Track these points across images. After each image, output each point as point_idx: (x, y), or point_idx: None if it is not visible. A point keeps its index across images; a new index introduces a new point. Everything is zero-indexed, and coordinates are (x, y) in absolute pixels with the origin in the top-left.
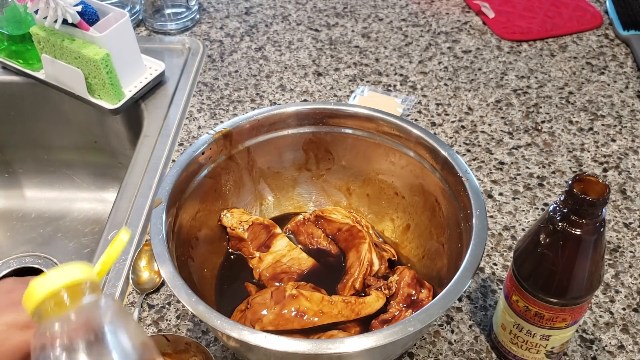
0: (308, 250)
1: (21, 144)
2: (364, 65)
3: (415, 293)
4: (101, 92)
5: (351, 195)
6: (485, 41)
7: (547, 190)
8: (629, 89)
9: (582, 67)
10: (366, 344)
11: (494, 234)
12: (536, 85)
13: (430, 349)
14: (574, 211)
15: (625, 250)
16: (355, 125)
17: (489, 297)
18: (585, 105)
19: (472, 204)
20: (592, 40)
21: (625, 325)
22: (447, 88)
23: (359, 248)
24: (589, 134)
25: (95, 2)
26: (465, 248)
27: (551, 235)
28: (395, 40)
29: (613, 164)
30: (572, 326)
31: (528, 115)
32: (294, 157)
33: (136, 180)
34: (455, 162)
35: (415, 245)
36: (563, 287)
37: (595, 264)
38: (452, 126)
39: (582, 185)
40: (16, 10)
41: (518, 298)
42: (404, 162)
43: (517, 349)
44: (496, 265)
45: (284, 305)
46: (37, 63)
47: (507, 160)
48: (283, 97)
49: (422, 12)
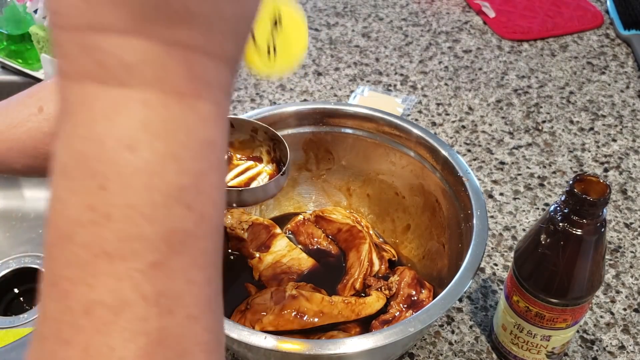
0: (308, 251)
1: None
2: (364, 65)
3: (416, 293)
4: None
5: (351, 195)
6: (486, 41)
7: (547, 190)
8: (630, 89)
9: (583, 67)
10: (366, 344)
11: (494, 234)
12: (537, 85)
13: (431, 349)
14: (575, 211)
15: (626, 251)
16: (355, 125)
17: (489, 297)
18: (586, 105)
19: (473, 204)
20: (593, 39)
21: (626, 325)
22: (448, 88)
23: (359, 248)
24: (590, 134)
25: None
26: (465, 248)
27: (552, 235)
28: (395, 39)
29: (614, 164)
30: (572, 327)
31: (529, 115)
32: (293, 157)
33: None
34: (456, 162)
35: (416, 246)
36: (564, 287)
37: (596, 264)
38: (453, 126)
39: (583, 185)
40: (15, 9)
41: (519, 298)
42: (405, 162)
43: (517, 350)
44: (497, 266)
45: (283, 306)
46: (37, 63)
47: (507, 160)
48: (283, 97)
49: (423, 11)
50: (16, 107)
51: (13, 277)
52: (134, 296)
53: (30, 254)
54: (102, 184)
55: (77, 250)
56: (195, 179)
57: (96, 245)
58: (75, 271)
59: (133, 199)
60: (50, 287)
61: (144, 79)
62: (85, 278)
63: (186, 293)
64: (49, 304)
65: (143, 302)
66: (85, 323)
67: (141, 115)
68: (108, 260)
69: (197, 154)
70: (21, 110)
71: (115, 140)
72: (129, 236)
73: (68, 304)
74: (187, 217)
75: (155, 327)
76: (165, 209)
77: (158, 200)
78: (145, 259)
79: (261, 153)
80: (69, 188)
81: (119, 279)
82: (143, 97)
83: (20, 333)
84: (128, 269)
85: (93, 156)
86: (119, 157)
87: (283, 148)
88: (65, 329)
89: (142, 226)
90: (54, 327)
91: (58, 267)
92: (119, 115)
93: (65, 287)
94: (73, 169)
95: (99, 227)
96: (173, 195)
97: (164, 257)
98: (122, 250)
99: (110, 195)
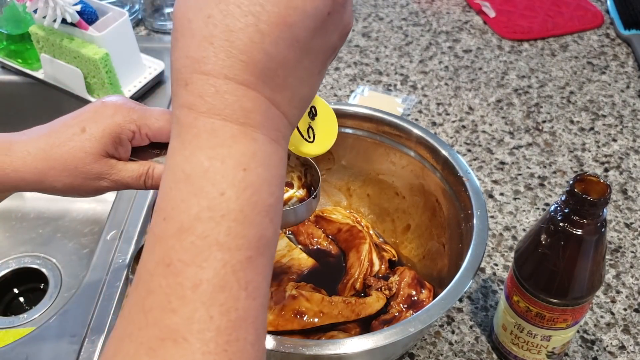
0: (308, 251)
1: None
2: (364, 65)
3: (416, 293)
4: (100, 91)
5: (351, 195)
6: (486, 40)
7: (548, 190)
8: (630, 89)
9: (583, 67)
10: (366, 344)
11: (494, 234)
12: (537, 84)
13: (431, 349)
14: (575, 211)
15: (626, 251)
16: (355, 125)
17: (489, 297)
18: (586, 105)
19: (473, 204)
20: (593, 39)
21: (627, 325)
22: (448, 88)
23: (360, 248)
24: (590, 134)
25: (95, 2)
26: (466, 248)
27: (552, 235)
28: (395, 39)
29: (614, 163)
30: (573, 327)
31: (529, 115)
32: None
33: None
34: (456, 162)
35: (416, 246)
36: (564, 287)
37: (596, 264)
38: (453, 126)
39: (583, 185)
40: (15, 9)
41: (519, 298)
42: (405, 162)
43: (518, 350)
44: (497, 266)
45: (284, 306)
46: (36, 62)
47: (508, 160)
48: None
49: (423, 11)
50: (60, 127)
51: (13, 277)
52: (232, 279)
53: (30, 254)
54: (222, 191)
55: (194, 240)
56: (276, 201)
57: (211, 237)
58: (190, 255)
59: (243, 206)
60: (162, 267)
61: (255, 122)
62: (198, 261)
63: (262, 285)
64: (157, 280)
65: (237, 285)
66: (192, 296)
67: (252, 147)
68: (218, 250)
69: (278, 184)
70: (65, 130)
71: (234, 161)
72: (236, 233)
73: (179, 281)
74: (269, 228)
75: (243, 306)
76: (260, 217)
77: (257, 210)
78: (244, 252)
79: (292, 179)
80: (192, 192)
81: (224, 265)
82: (253, 135)
83: (20, 333)
84: (232, 258)
85: (216, 171)
86: (236, 174)
87: (314, 173)
88: (174, 300)
89: (245, 227)
90: (161, 299)
91: (174, 252)
92: (237, 144)
93: (179, 268)
94: (197, 178)
95: (216, 224)
96: (265, 210)
97: (255, 255)
98: (230, 243)
99: (227, 201)
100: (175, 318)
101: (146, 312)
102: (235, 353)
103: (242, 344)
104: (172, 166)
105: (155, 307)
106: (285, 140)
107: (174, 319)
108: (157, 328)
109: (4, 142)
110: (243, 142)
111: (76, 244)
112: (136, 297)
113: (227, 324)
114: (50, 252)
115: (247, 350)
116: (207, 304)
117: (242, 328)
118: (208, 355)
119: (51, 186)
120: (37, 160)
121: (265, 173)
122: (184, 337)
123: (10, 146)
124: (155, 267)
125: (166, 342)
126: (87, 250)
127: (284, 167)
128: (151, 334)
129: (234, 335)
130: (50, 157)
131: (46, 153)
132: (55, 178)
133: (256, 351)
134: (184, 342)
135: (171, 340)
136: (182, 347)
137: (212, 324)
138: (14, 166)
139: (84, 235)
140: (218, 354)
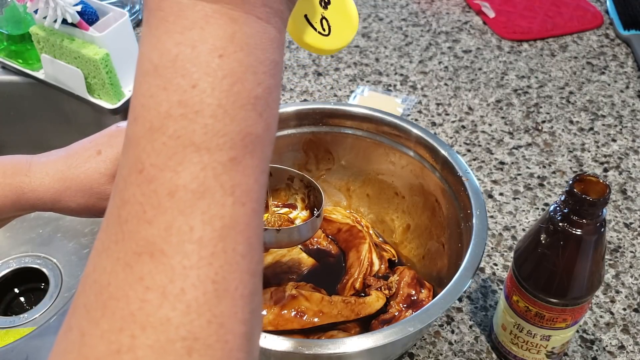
0: (308, 250)
1: (20, 143)
2: (364, 65)
3: (416, 293)
4: (101, 92)
5: (351, 195)
6: (486, 41)
7: (547, 190)
8: (630, 89)
9: (583, 67)
10: (366, 344)
11: (494, 234)
12: (536, 85)
13: (431, 349)
14: (575, 211)
15: (625, 251)
16: (355, 125)
17: (489, 297)
18: (585, 105)
19: (473, 204)
20: (593, 40)
21: (626, 325)
22: (448, 88)
23: (359, 248)
24: (590, 134)
25: (95, 2)
26: (465, 248)
27: (552, 235)
28: (395, 40)
29: (613, 164)
30: (572, 326)
31: (528, 115)
32: (293, 157)
33: None
34: (456, 162)
35: (416, 245)
36: (563, 287)
37: (595, 264)
38: (453, 126)
39: (583, 185)
40: (15, 10)
41: (518, 298)
42: (404, 162)
43: (517, 350)
44: (496, 266)
45: (283, 306)
46: (37, 63)
47: (507, 160)
48: (283, 97)
49: (423, 11)
50: (78, 150)
51: (13, 277)
52: (214, 184)
53: (30, 253)
54: (194, 83)
55: (166, 141)
56: (266, 92)
57: (185, 137)
58: (163, 159)
59: (221, 98)
60: (135, 174)
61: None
62: (172, 165)
63: (254, 189)
64: (131, 189)
65: (221, 190)
66: (168, 205)
67: (230, 29)
68: (195, 151)
69: (268, 70)
70: (82, 153)
71: (207, 46)
72: (215, 131)
73: (153, 188)
74: (258, 123)
75: (229, 213)
76: (244, 112)
77: (240, 103)
78: (226, 153)
79: (296, 200)
80: (161, 86)
81: (202, 168)
82: (231, 14)
83: (21, 333)
84: (212, 160)
85: (186, 59)
86: (210, 61)
87: (318, 194)
88: (149, 210)
89: (226, 124)
90: (136, 209)
91: (145, 155)
92: (210, 26)
93: (152, 173)
94: (165, 69)
95: (189, 121)
96: (250, 102)
97: (240, 155)
98: (208, 143)
99: (201, 94)
100: (151, 230)
101: (122, 224)
102: (223, 266)
103: (230, 256)
104: (139, 57)
105: (130, 218)
106: (279, 17)
107: (150, 230)
108: (134, 241)
109: (23, 164)
110: (218, 22)
111: (76, 243)
112: (112, 207)
113: (212, 235)
114: (50, 252)
115: (237, 262)
116: (186, 212)
117: (229, 238)
118: (190, 269)
119: (66, 206)
120: (54, 181)
121: (249, 58)
122: (162, 250)
123: (30, 167)
124: (129, 174)
125: (143, 256)
126: (87, 251)
127: (277, 51)
128: (127, 247)
129: (220, 246)
130: (68, 178)
131: (64, 174)
132: (70, 198)
133: (248, 262)
134: (161, 255)
135: (148, 255)
136: (160, 262)
137: (192, 234)
138: (32, 186)
139: (84, 235)
140: (201, 267)
